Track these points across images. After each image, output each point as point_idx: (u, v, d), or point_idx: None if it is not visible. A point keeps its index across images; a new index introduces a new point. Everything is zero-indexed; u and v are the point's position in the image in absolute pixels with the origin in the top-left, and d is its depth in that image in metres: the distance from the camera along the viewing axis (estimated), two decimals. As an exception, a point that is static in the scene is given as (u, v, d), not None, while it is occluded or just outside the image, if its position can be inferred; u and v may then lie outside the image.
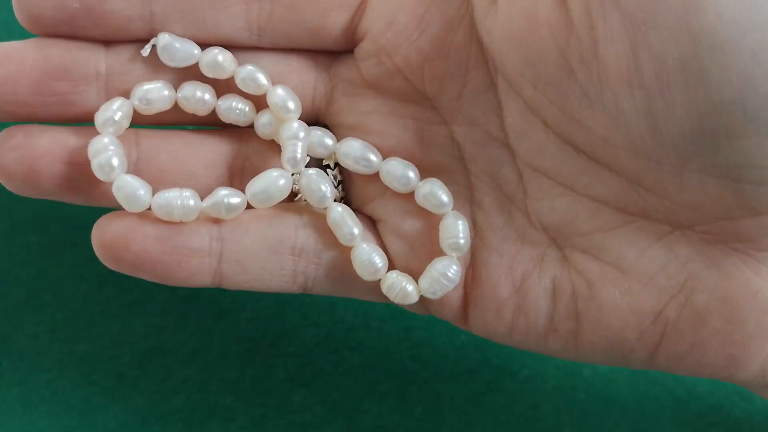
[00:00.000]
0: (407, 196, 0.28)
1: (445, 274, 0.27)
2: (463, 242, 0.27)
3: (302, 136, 0.28)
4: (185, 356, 0.34)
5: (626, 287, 0.26)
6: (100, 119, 0.27)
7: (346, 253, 0.28)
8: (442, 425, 0.34)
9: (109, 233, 0.27)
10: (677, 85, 0.23)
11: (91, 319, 0.34)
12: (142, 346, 0.34)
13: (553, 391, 0.34)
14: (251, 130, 0.29)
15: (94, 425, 0.33)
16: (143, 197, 0.27)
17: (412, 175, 0.28)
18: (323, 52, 0.29)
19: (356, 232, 0.28)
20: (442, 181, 0.28)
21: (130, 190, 0.27)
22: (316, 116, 0.30)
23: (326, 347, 0.35)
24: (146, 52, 0.28)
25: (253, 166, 0.29)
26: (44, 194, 0.28)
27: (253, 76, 0.28)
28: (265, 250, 0.28)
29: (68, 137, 0.27)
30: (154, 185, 0.27)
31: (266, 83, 0.28)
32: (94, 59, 0.27)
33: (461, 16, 0.27)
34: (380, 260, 0.28)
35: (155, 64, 0.28)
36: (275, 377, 0.34)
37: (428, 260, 0.28)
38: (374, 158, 0.28)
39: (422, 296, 0.28)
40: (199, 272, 0.27)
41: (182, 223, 0.27)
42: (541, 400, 0.34)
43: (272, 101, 0.28)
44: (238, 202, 0.27)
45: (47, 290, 0.35)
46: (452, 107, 0.28)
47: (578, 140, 0.25)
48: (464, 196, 0.28)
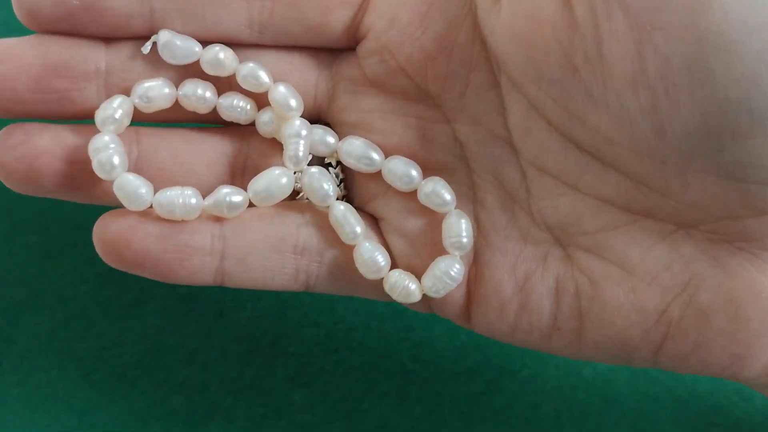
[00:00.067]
0: (410, 194, 0.28)
1: (448, 272, 0.27)
2: (466, 241, 0.27)
3: (304, 134, 0.28)
4: (185, 356, 0.34)
5: (630, 286, 0.26)
6: (100, 117, 0.27)
7: (348, 251, 0.28)
8: (442, 425, 0.34)
9: (110, 231, 0.27)
10: (682, 85, 0.23)
11: (91, 319, 0.34)
12: (142, 346, 0.34)
13: (553, 391, 0.34)
14: (252, 128, 0.29)
15: (94, 425, 0.33)
16: (144, 196, 0.27)
17: (414, 173, 0.28)
18: (325, 49, 0.29)
19: (358, 230, 0.28)
20: (444, 179, 0.28)
21: (131, 188, 0.26)
22: (317, 114, 0.30)
23: (326, 347, 0.35)
24: (147, 49, 0.27)
25: (254, 164, 0.29)
26: (44, 192, 0.27)
27: (254, 73, 0.28)
28: (267, 248, 0.28)
29: (68, 135, 0.27)
30: (154, 184, 0.27)
31: (268, 81, 0.28)
32: (93, 56, 0.27)
33: (464, 14, 0.27)
34: (383, 259, 0.27)
35: (155, 61, 0.28)
36: (275, 377, 0.34)
37: (431, 259, 0.28)
38: (376, 157, 0.28)
39: (425, 295, 0.28)
40: (200, 271, 0.27)
41: (184, 221, 0.27)
42: (541, 400, 0.34)
43: (274, 99, 0.28)
44: (240, 200, 0.27)
45: (47, 290, 0.35)
46: (455, 106, 0.28)
47: (582, 139, 0.25)
48: (467, 194, 0.28)
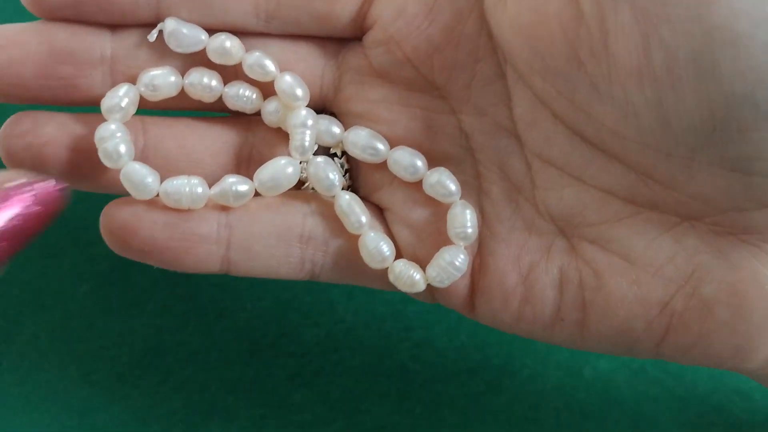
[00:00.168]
0: (415, 185, 0.28)
1: (452, 263, 0.27)
2: (470, 231, 0.27)
3: (310, 123, 0.28)
4: (185, 356, 0.34)
5: (634, 278, 0.26)
6: (106, 105, 0.27)
7: (353, 241, 0.28)
8: (442, 425, 0.34)
9: (117, 220, 0.27)
10: (688, 78, 0.23)
11: (91, 319, 0.34)
12: (142, 346, 0.34)
13: (553, 391, 0.34)
14: (258, 117, 0.29)
15: (94, 425, 0.33)
16: (151, 185, 0.27)
17: (419, 164, 0.28)
18: (331, 39, 0.29)
19: (364, 220, 0.28)
20: (449, 170, 0.28)
21: (138, 177, 0.26)
22: (323, 104, 0.30)
23: (326, 347, 0.34)
24: (153, 37, 0.27)
25: (260, 154, 0.29)
26: None
27: (261, 62, 0.28)
28: (273, 237, 0.28)
29: (75, 124, 0.27)
30: (160, 173, 0.27)
31: (274, 70, 0.28)
32: (99, 44, 0.27)
33: (471, 5, 0.27)
34: (388, 249, 0.28)
35: (161, 49, 0.28)
36: (275, 377, 0.34)
37: (435, 249, 0.28)
38: (382, 147, 0.28)
39: (429, 285, 0.28)
40: (207, 259, 0.27)
41: (190, 210, 0.27)
42: (541, 400, 0.34)
43: (280, 88, 0.28)
44: (246, 189, 0.27)
45: (47, 290, 0.35)
46: (461, 97, 0.28)
47: (587, 131, 0.26)
48: (472, 185, 0.28)
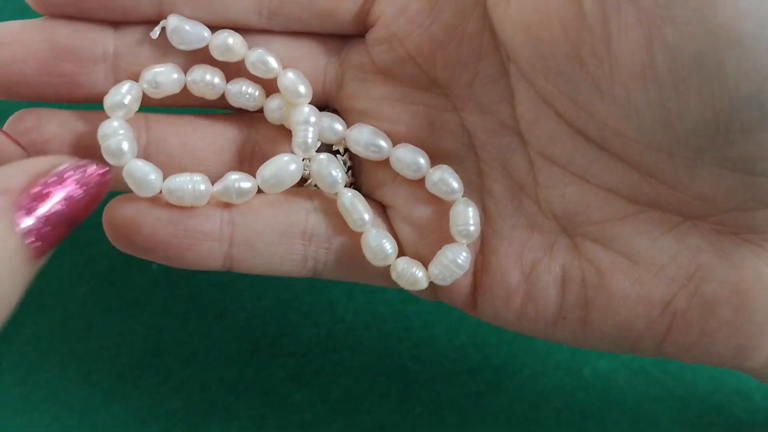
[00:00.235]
0: (417, 182, 0.28)
1: (455, 260, 0.27)
2: (473, 229, 0.27)
3: (313, 120, 0.28)
4: (185, 356, 0.34)
5: (636, 276, 0.26)
6: (109, 103, 0.27)
7: (356, 238, 0.28)
8: (442, 425, 0.34)
9: (120, 216, 0.27)
10: (692, 79, 0.23)
11: (91, 319, 0.34)
12: (142, 346, 0.34)
13: (553, 391, 0.34)
14: (261, 114, 0.29)
15: (94, 425, 0.33)
16: (154, 182, 0.27)
17: (422, 161, 0.28)
18: (334, 36, 0.29)
19: (366, 217, 0.28)
20: (452, 168, 0.28)
21: (140, 174, 0.26)
22: (326, 101, 0.30)
23: (326, 347, 0.35)
24: (155, 34, 0.27)
25: (262, 151, 0.29)
26: None
27: (263, 59, 0.28)
28: (275, 234, 0.28)
29: (77, 121, 0.27)
30: (163, 170, 0.27)
31: (277, 67, 0.28)
32: (102, 41, 0.27)
33: (474, 3, 0.27)
34: (390, 246, 0.28)
35: (164, 46, 0.28)
36: (275, 377, 0.34)
37: (438, 247, 0.28)
38: (384, 144, 0.28)
39: (432, 282, 0.28)
40: (209, 256, 0.27)
41: (193, 207, 0.27)
42: (541, 400, 0.34)
43: (283, 85, 0.28)
44: (248, 186, 0.27)
45: (47, 290, 0.35)
46: (464, 94, 0.28)
47: (590, 130, 0.26)
48: (474, 183, 0.28)
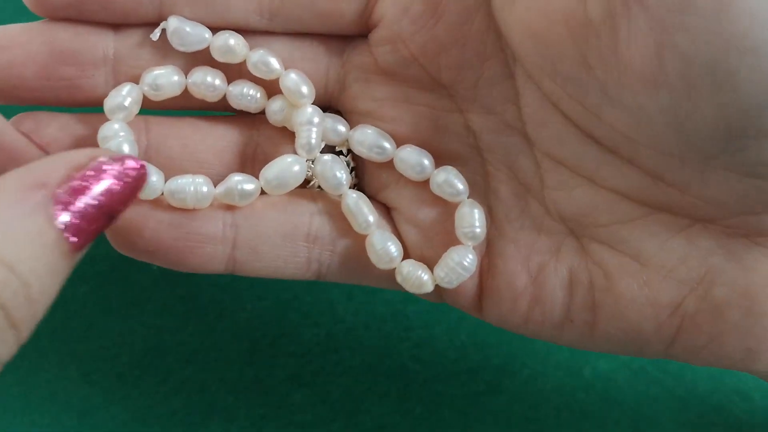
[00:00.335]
0: (422, 184, 0.28)
1: (461, 263, 0.27)
2: (479, 231, 0.27)
3: (317, 121, 0.27)
4: (185, 356, 0.34)
5: (644, 279, 0.26)
6: (109, 105, 0.27)
7: (360, 240, 0.28)
8: (442, 425, 0.34)
9: (121, 219, 0.27)
10: (704, 86, 0.22)
11: (91, 319, 0.34)
12: (142, 346, 0.34)
13: (553, 391, 0.34)
14: (262, 116, 0.29)
15: (94, 425, 0.33)
16: (156, 184, 0.26)
17: (426, 162, 0.28)
18: (336, 36, 0.29)
19: (371, 220, 0.27)
20: (457, 169, 0.28)
21: None
22: (328, 102, 0.29)
23: (326, 347, 0.34)
24: (156, 36, 0.27)
25: (264, 153, 0.29)
26: None
27: (265, 59, 0.27)
28: (279, 237, 0.27)
29: (77, 124, 0.27)
30: (164, 173, 0.27)
31: (279, 67, 0.28)
32: (102, 43, 0.27)
33: (479, 3, 0.26)
34: (395, 249, 0.27)
35: (164, 48, 0.28)
36: (275, 377, 0.34)
37: (443, 249, 0.27)
38: (388, 146, 0.28)
39: (437, 285, 0.27)
40: (212, 259, 0.27)
41: (195, 209, 0.27)
42: (541, 400, 0.34)
43: (285, 86, 0.27)
44: (251, 188, 0.27)
45: (47, 290, 0.35)
46: (468, 95, 0.27)
47: (598, 134, 0.25)
48: (480, 184, 0.28)
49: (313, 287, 0.35)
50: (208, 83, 0.28)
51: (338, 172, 0.28)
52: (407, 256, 0.28)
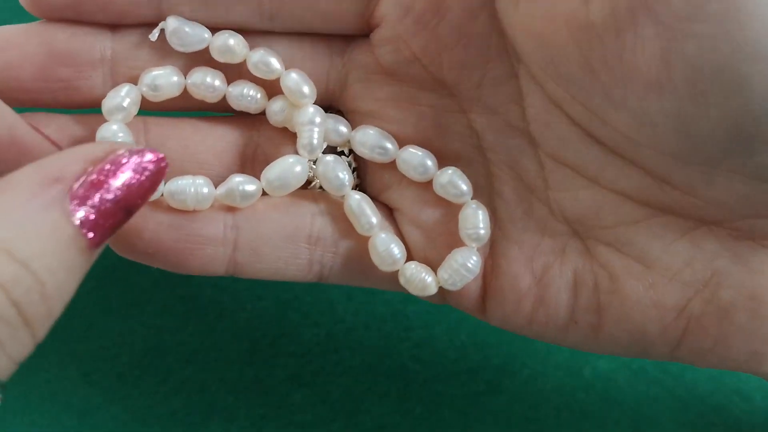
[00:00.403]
0: (425, 184, 0.28)
1: (465, 264, 0.27)
2: (483, 232, 0.27)
3: (318, 121, 0.27)
4: (185, 356, 0.34)
5: (650, 281, 0.26)
6: (107, 106, 0.27)
7: (363, 242, 0.27)
8: (442, 425, 0.34)
9: None
10: (712, 92, 0.22)
11: (91, 319, 0.34)
12: (142, 346, 0.34)
13: (553, 391, 0.34)
14: (263, 117, 0.28)
15: (94, 425, 0.33)
16: None
17: (429, 163, 0.27)
18: (337, 36, 0.28)
19: (374, 221, 0.27)
20: (460, 170, 0.27)
21: None
22: (329, 102, 0.29)
23: (326, 347, 0.34)
24: (154, 36, 0.27)
25: (265, 153, 0.28)
26: None
27: (265, 59, 0.27)
28: (280, 238, 0.27)
29: (75, 125, 0.27)
30: None
31: (279, 67, 0.27)
32: (99, 44, 0.27)
33: (482, 3, 0.26)
34: (399, 251, 0.27)
35: (163, 49, 0.27)
36: (275, 377, 0.34)
37: (447, 250, 0.27)
38: (390, 146, 0.28)
39: (440, 287, 0.27)
40: (213, 261, 0.27)
41: (196, 211, 0.27)
42: (541, 400, 0.34)
43: (286, 86, 0.27)
44: (253, 189, 0.27)
45: (47, 290, 0.35)
46: (471, 96, 0.27)
47: (603, 136, 0.25)
48: (483, 185, 0.28)
49: (313, 287, 0.35)
50: (207, 84, 0.28)
51: (341, 172, 0.27)
52: (410, 257, 0.28)
